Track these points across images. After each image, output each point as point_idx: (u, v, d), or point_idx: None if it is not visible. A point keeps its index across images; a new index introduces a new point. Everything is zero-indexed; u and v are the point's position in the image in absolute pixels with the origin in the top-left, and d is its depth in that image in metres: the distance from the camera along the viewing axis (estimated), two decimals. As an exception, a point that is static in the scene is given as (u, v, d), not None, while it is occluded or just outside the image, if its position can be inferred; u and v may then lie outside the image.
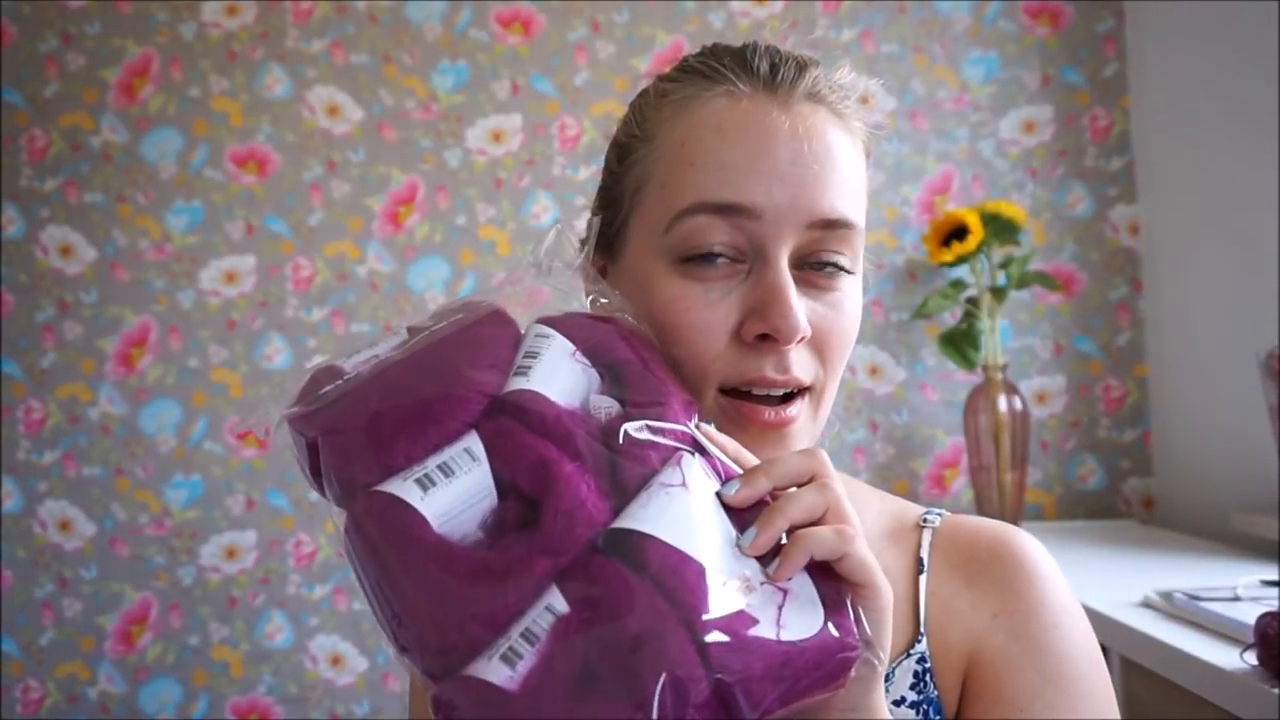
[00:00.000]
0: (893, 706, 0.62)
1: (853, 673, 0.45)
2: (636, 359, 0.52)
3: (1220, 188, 1.86)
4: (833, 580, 0.47)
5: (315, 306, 2.07)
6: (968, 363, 1.96)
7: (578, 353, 0.51)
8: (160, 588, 2.03)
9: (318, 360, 0.49)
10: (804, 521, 0.47)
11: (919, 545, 0.68)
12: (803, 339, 0.59)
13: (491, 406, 0.48)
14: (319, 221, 2.08)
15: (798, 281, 0.60)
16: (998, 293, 1.97)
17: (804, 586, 0.46)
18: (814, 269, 0.61)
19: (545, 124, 2.11)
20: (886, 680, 0.63)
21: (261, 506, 2.05)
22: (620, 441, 0.47)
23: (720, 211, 0.60)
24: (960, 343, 1.97)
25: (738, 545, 0.46)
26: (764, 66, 0.63)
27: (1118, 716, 0.63)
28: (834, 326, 0.61)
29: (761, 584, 0.45)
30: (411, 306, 2.08)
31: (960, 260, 1.94)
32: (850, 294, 0.63)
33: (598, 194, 0.70)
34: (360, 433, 0.47)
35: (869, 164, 0.67)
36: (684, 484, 0.46)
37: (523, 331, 0.54)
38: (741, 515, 0.47)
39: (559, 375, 0.50)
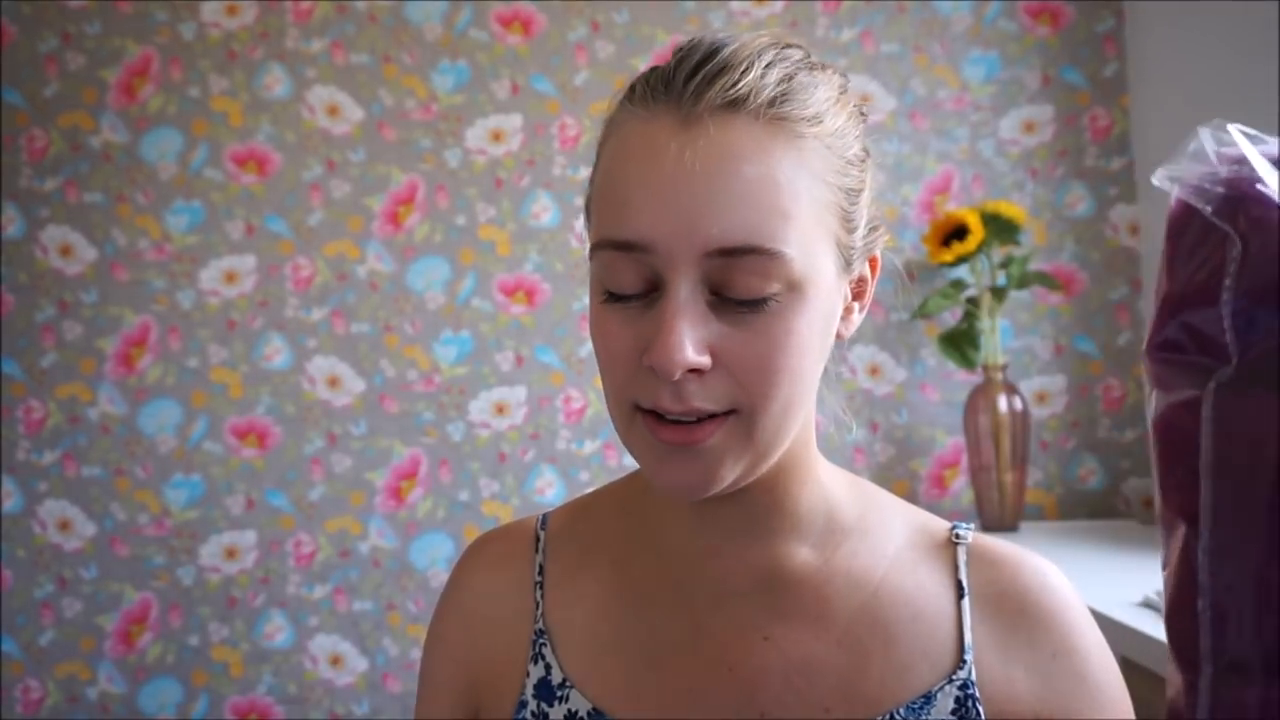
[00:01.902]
0: None
1: None
2: None
3: (1220, 188, 1.85)
4: None
5: (315, 306, 2.07)
6: (968, 363, 1.96)
7: None
8: (160, 588, 2.03)
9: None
10: None
11: (956, 566, 0.68)
12: (696, 370, 0.57)
13: None
14: (319, 221, 2.08)
15: (715, 309, 0.58)
16: (998, 293, 1.96)
17: None
18: (728, 301, 0.58)
19: (545, 124, 2.11)
20: (927, 701, 0.63)
21: (261, 506, 2.05)
22: None
23: (618, 248, 0.59)
24: (960, 343, 1.97)
25: None
26: (680, 78, 0.60)
27: None
28: (749, 354, 0.58)
29: None
30: (411, 306, 2.08)
31: (960, 260, 1.94)
32: (786, 313, 0.58)
33: None
34: None
35: (856, 164, 0.63)
36: None
37: None
38: None
39: None
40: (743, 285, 0.57)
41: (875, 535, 0.69)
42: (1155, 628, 1.22)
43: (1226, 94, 1.83)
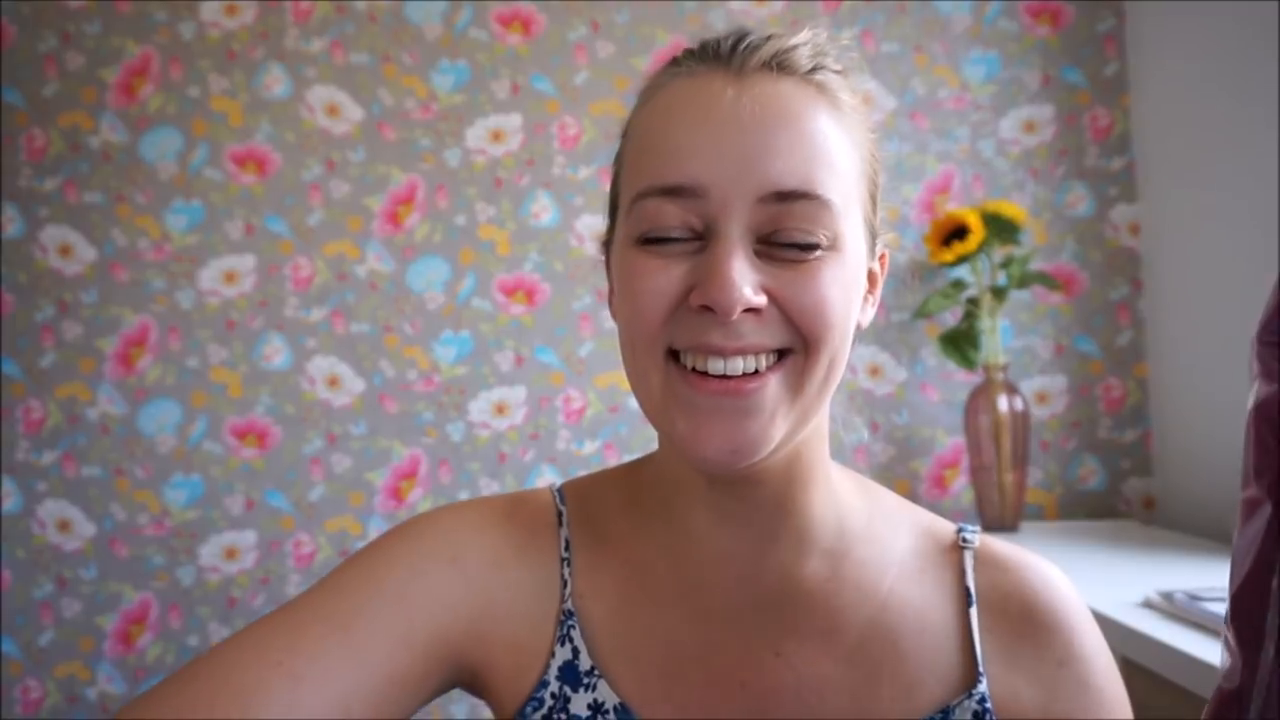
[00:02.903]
0: None
1: None
2: None
3: (1220, 188, 1.85)
4: None
5: (315, 306, 2.07)
6: (968, 363, 1.96)
7: None
8: (160, 588, 2.03)
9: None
10: None
11: (963, 571, 0.67)
12: (753, 309, 0.57)
13: None
14: (318, 221, 2.08)
15: (763, 255, 0.58)
16: (998, 293, 1.96)
17: None
18: (778, 247, 0.59)
19: (545, 124, 2.10)
20: (945, 717, 0.63)
21: (261, 507, 2.05)
22: None
23: (667, 193, 0.59)
24: (961, 343, 1.97)
25: None
26: (726, 45, 0.63)
27: None
28: (803, 294, 0.58)
29: None
30: (411, 306, 2.07)
31: (961, 260, 1.94)
32: (828, 263, 0.59)
33: None
34: None
35: (874, 143, 0.64)
36: None
37: None
38: None
39: None
40: (793, 231, 0.58)
41: (882, 541, 0.68)
42: (1155, 628, 1.22)
43: (1226, 94, 1.83)
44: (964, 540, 0.68)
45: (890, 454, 2.09)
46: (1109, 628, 1.27)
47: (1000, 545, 0.69)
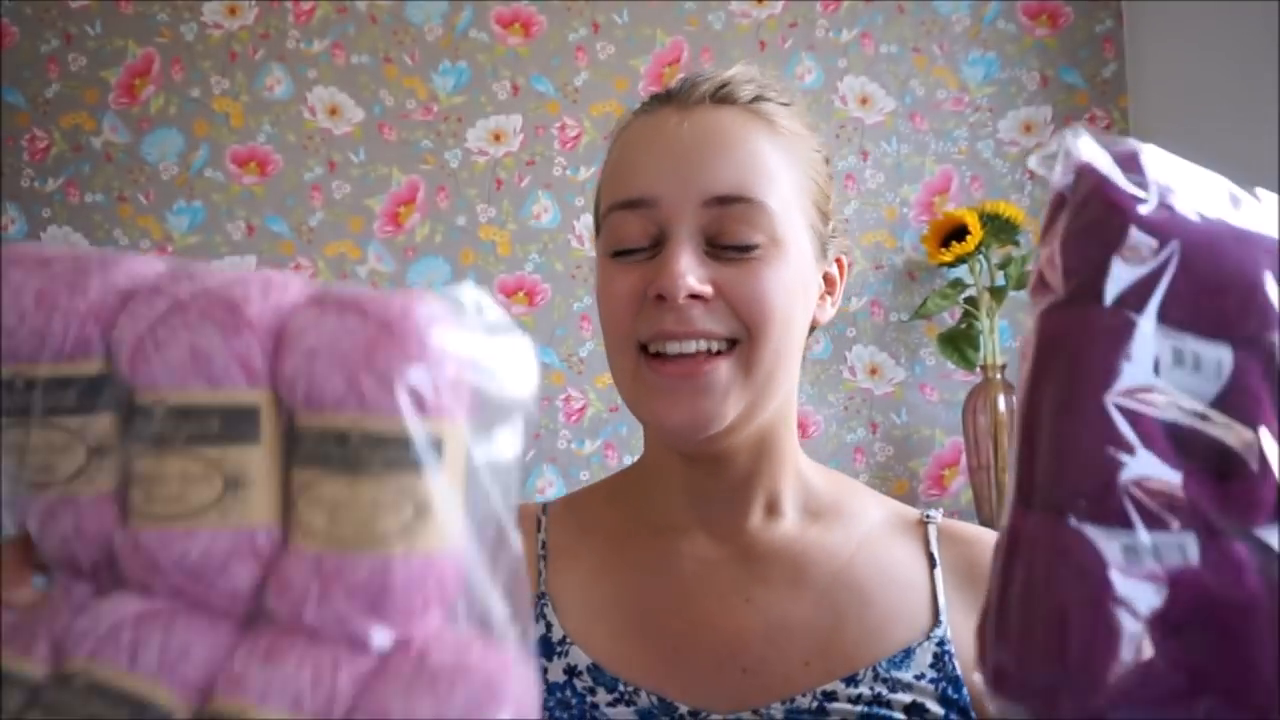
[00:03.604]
0: (914, 679, 0.67)
1: None
2: None
3: (1219, 188, 1.86)
4: None
5: (316, 307, 2.08)
6: (967, 363, 1.97)
7: None
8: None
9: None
10: None
11: (927, 540, 0.75)
12: (698, 295, 0.66)
13: (1251, 339, 0.41)
14: (319, 222, 2.09)
15: (711, 255, 0.68)
16: (997, 293, 1.97)
17: None
18: (722, 247, 0.68)
19: (545, 124, 2.11)
20: (907, 655, 0.68)
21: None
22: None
23: (627, 206, 0.70)
24: (959, 343, 1.98)
25: None
26: (676, 85, 0.74)
27: None
28: (745, 286, 0.67)
29: None
30: (412, 307, 2.08)
31: (959, 260, 1.95)
32: (769, 261, 0.68)
33: None
34: (1169, 257, 0.40)
35: (854, 156, 0.73)
36: None
37: None
38: None
39: None
40: (733, 231, 0.68)
41: (849, 516, 0.76)
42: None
43: (1226, 95, 1.84)
44: (928, 518, 0.77)
45: (889, 454, 2.10)
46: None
47: (962, 524, 0.78)
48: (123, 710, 0.36)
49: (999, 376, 1.95)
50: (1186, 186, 0.43)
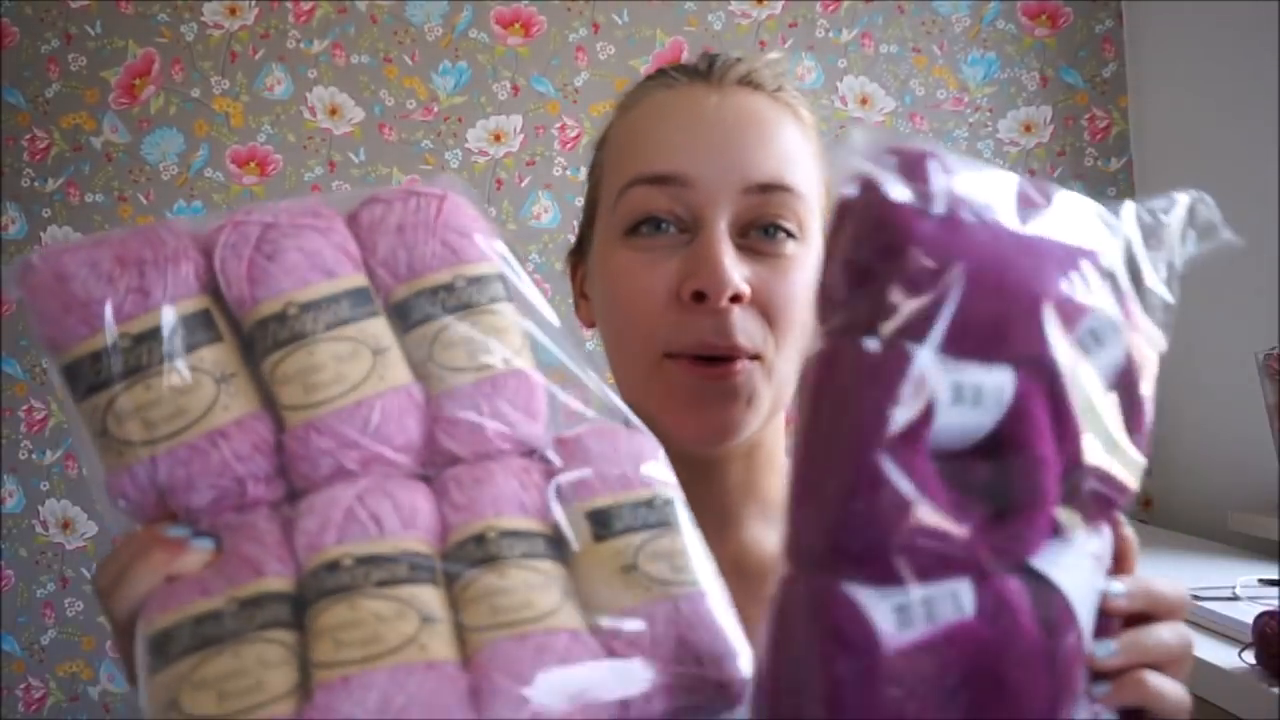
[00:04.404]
0: None
1: None
2: (1144, 413, 0.44)
3: (1219, 188, 1.85)
4: None
5: (316, 307, 2.08)
6: (967, 363, 1.97)
7: (1120, 373, 0.42)
8: (161, 587, 2.04)
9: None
10: (1154, 663, 0.44)
11: None
12: (739, 298, 0.61)
13: (1034, 360, 0.39)
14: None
15: (743, 249, 0.63)
16: (997, 293, 1.97)
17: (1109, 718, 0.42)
18: (758, 235, 0.63)
19: (545, 124, 2.11)
20: None
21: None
22: (1082, 481, 0.41)
23: (656, 182, 0.63)
24: (959, 343, 1.98)
25: (1091, 649, 0.41)
26: (702, 64, 0.69)
27: None
28: (779, 290, 0.62)
29: (1084, 693, 0.41)
30: (412, 307, 2.08)
31: (959, 260, 1.95)
32: (799, 262, 0.64)
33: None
34: (941, 281, 0.37)
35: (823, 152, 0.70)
36: (1098, 557, 0.42)
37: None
38: (1103, 620, 0.42)
39: (1104, 377, 0.41)
40: (771, 216, 0.63)
41: None
42: (1153, 627, 1.23)
43: (1225, 95, 1.84)
44: None
45: (889, 454, 2.10)
46: (1107, 626, 1.27)
47: None
48: (399, 567, 0.40)
49: (999, 376, 1.95)
50: (975, 193, 0.39)
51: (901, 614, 0.35)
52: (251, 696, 0.37)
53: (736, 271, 0.61)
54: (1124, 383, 0.42)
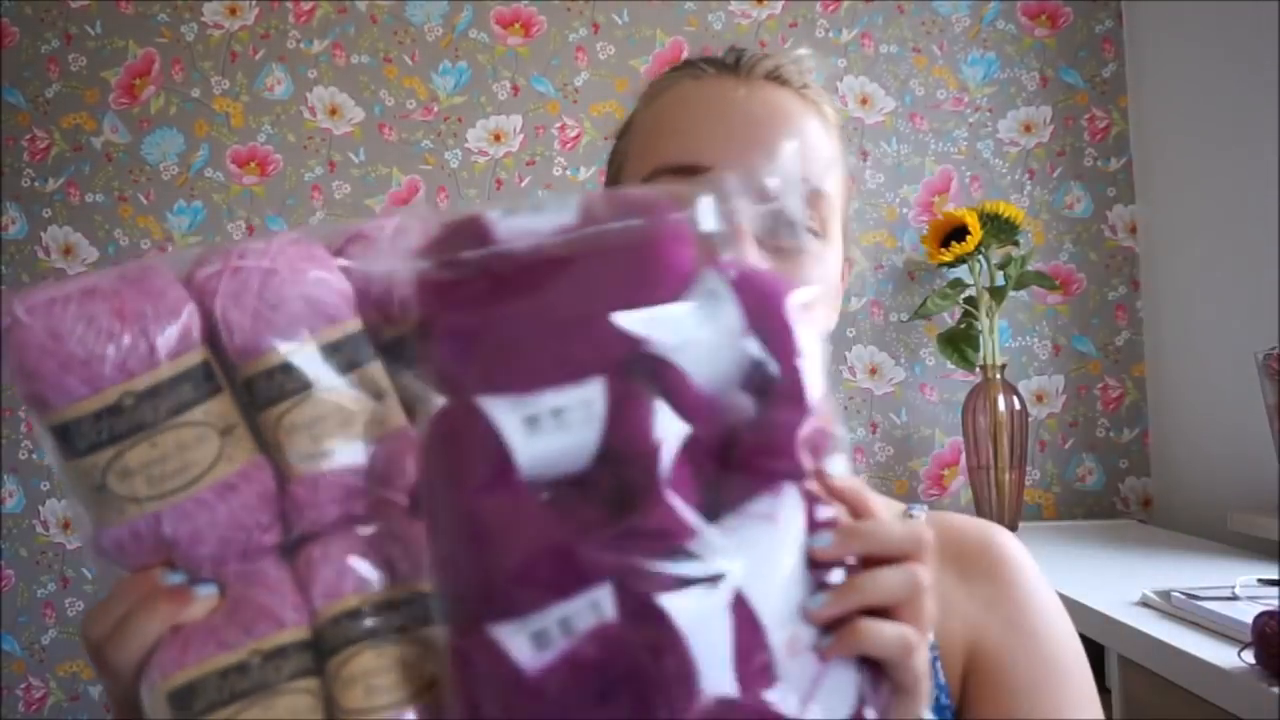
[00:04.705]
0: None
1: None
2: (793, 366, 0.44)
3: (1219, 188, 1.86)
4: (877, 677, 0.43)
5: (316, 307, 2.08)
6: (966, 363, 1.97)
7: (745, 332, 0.42)
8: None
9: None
10: (878, 606, 0.43)
11: None
12: None
13: (631, 358, 0.40)
14: (319, 222, 2.09)
15: (764, 245, 0.62)
16: (996, 293, 1.97)
17: (846, 670, 0.42)
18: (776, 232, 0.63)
19: (545, 124, 2.11)
20: None
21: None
22: (736, 452, 0.41)
23: (679, 172, 0.64)
24: (959, 343, 1.98)
25: (802, 604, 0.41)
26: (730, 57, 0.69)
27: (1097, 701, 0.66)
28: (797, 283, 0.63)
29: (808, 651, 0.41)
30: (412, 307, 2.08)
31: (959, 260, 1.95)
32: (820, 259, 0.65)
33: None
34: (488, 332, 0.40)
35: (854, 156, 0.70)
36: (775, 518, 0.41)
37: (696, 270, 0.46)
38: (820, 571, 0.42)
39: (712, 354, 0.42)
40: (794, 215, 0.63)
41: None
42: (1153, 627, 1.23)
43: (1225, 95, 1.84)
44: (909, 513, 0.74)
45: (889, 453, 2.10)
46: (1107, 626, 1.28)
47: (949, 514, 0.74)
48: (416, 608, 0.40)
49: (998, 376, 1.95)
50: (514, 238, 0.42)
51: (539, 638, 0.37)
52: None
53: (759, 266, 0.61)
54: (761, 346, 0.43)
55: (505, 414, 0.38)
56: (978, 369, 1.98)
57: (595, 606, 0.37)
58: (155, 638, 0.40)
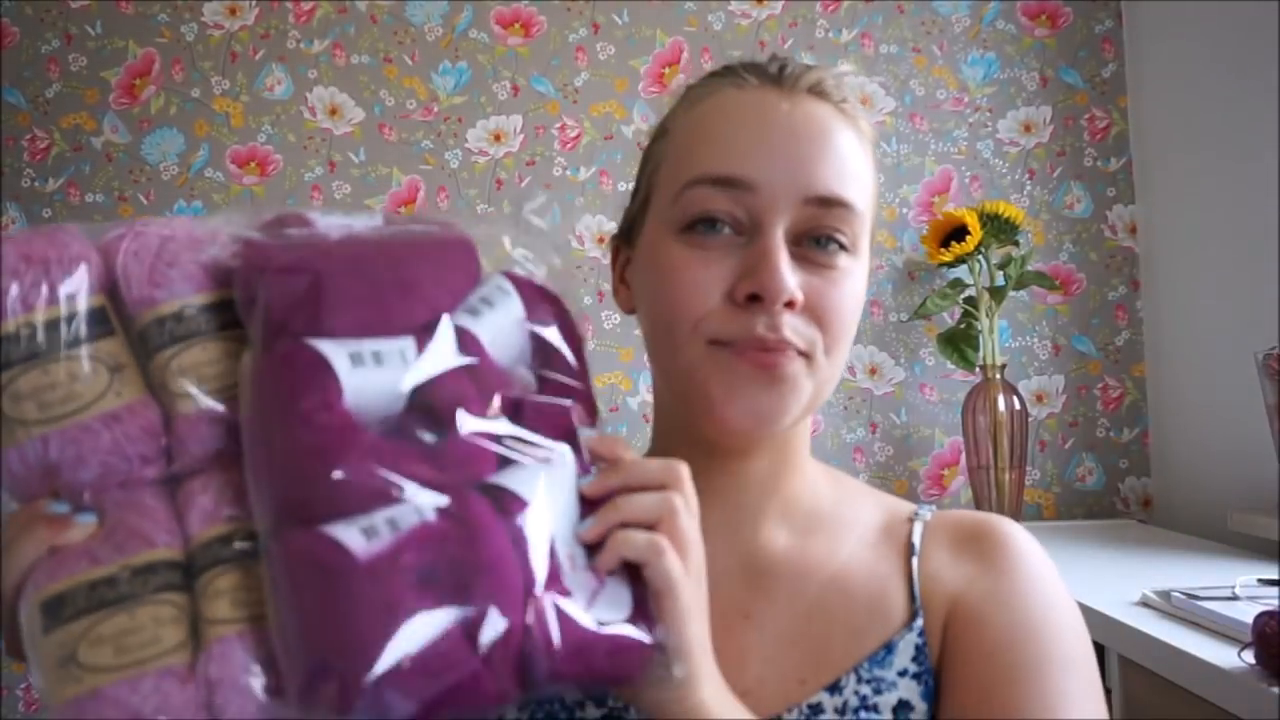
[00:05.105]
0: (897, 676, 0.66)
1: (648, 673, 0.50)
2: (570, 351, 0.57)
3: (1219, 188, 1.86)
4: (642, 584, 0.51)
5: (316, 307, 2.08)
6: (966, 363, 1.97)
7: (526, 321, 0.55)
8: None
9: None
10: (635, 523, 0.52)
11: (910, 534, 0.73)
12: (792, 303, 0.63)
13: (433, 325, 0.50)
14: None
15: (796, 257, 0.64)
16: (996, 293, 1.97)
17: (620, 583, 0.51)
18: (811, 245, 0.65)
19: (545, 125, 2.11)
20: (889, 651, 0.66)
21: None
22: (523, 415, 0.52)
23: (720, 184, 0.64)
24: (959, 343, 1.98)
25: (575, 529, 0.51)
26: (773, 67, 0.69)
27: (1099, 687, 0.65)
28: (829, 298, 0.64)
29: (585, 569, 0.50)
30: (412, 307, 2.08)
31: (959, 260, 1.95)
32: (849, 273, 0.66)
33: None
34: (314, 286, 0.47)
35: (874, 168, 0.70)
36: (553, 463, 0.51)
37: (485, 272, 0.56)
38: (591, 506, 0.52)
39: (502, 333, 0.53)
40: (829, 229, 0.65)
41: (846, 519, 0.74)
42: (1152, 627, 1.23)
43: (1225, 95, 1.84)
44: (916, 514, 0.74)
45: (889, 453, 2.10)
46: (1107, 626, 1.28)
47: (959, 511, 0.75)
48: None
49: (998, 376, 1.95)
50: (335, 227, 0.52)
51: (368, 532, 0.43)
52: (148, 649, 0.42)
53: (792, 278, 0.62)
54: (539, 334, 0.55)
55: (332, 350, 0.45)
56: (978, 369, 1.98)
57: (418, 511, 0.45)
58: (34, 558, 0.44)
